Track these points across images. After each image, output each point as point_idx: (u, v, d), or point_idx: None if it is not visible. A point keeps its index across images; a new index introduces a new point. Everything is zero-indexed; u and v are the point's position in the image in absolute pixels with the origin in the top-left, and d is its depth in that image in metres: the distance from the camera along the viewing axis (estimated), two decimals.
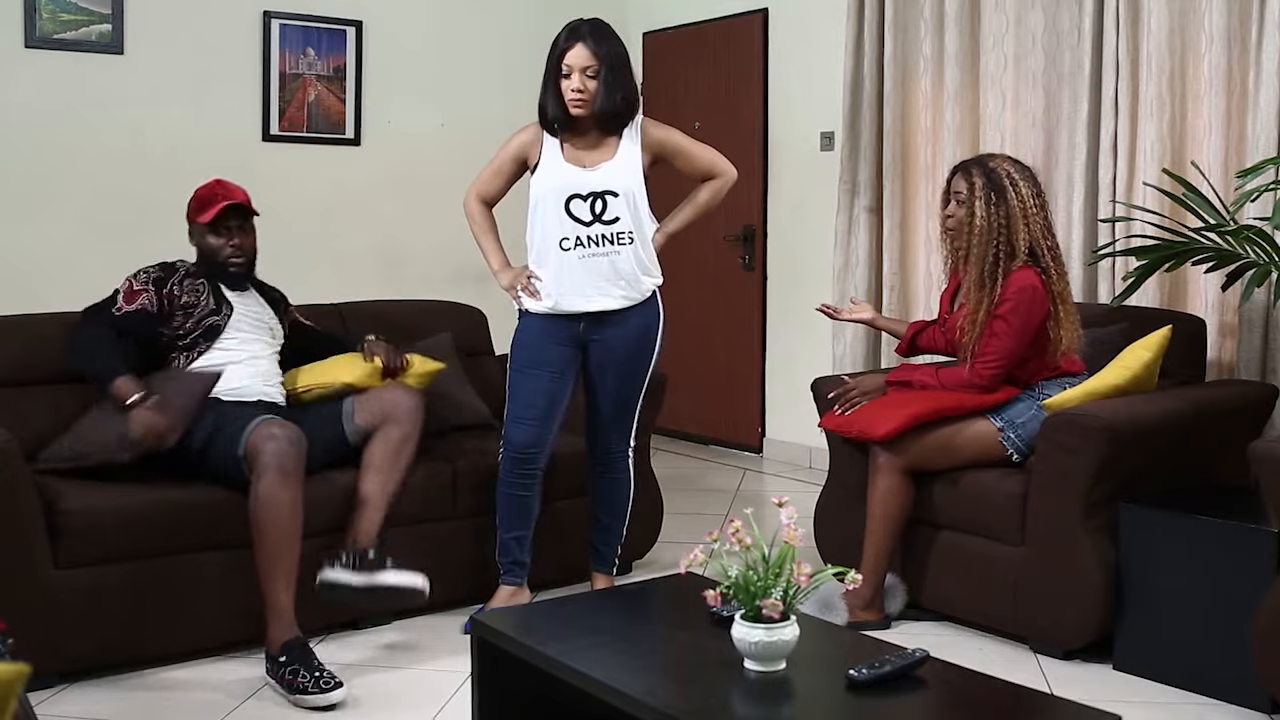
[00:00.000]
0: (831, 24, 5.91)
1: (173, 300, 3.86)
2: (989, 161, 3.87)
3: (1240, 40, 4.37)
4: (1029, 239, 3.77)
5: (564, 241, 3.80)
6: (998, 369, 3.78)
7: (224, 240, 3.95)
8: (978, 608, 3.83)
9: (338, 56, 6.18)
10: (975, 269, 3.80)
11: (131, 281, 3.90)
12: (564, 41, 3.80)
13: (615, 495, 4.05)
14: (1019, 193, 3.78)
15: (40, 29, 5.44)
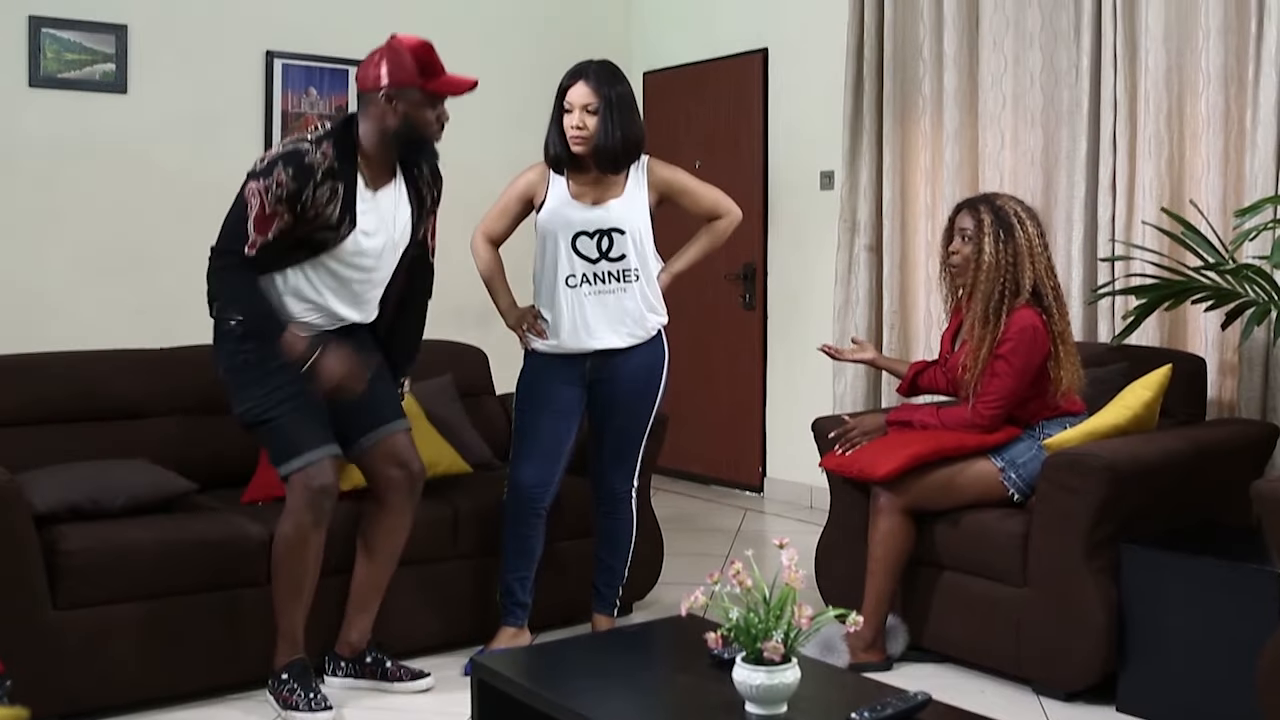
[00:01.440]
0: (831, 63, 5.94)
1: (305, 216, 3.39)
2: (996, 200, 3.88)
3: (1237, 79, 4.40)
4: (1034, 277, 3.77)
5: (570, 279, 3.81)
6: (999, 409, 3.78)
7: (437, 114, 3.61)
8: (980, 649, 3.81)
9: (340, 96, 6.21)
10: (980, 305, 3.80)
11: (262, 199, 3.36)
12: (567, 79, 3.84)
13: (618, 535, 4.04)
14: (1026, 231, 3.79)
15: (44, 68, 5.47)
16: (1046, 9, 4.98)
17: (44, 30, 5.45)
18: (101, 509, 3.54)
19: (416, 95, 3.48)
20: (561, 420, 3.83)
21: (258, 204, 3.37)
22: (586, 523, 4.13)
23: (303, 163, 3.33)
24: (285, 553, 3.44)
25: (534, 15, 6.80)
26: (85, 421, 4.00)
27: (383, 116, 3.46)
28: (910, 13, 5.49)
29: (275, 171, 3.32)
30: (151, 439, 4.05)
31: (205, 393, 4.22)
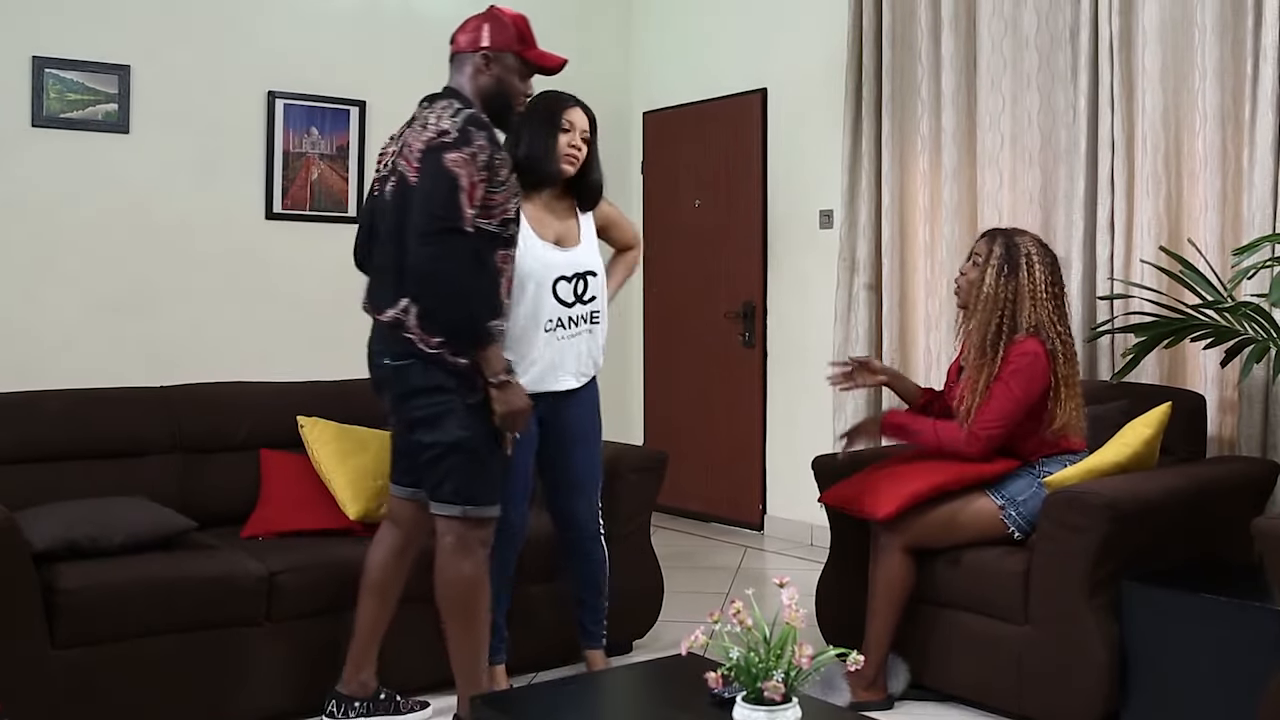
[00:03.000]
0: (830, 103, 5.98)
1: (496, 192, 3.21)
2: (1015, 235, 3.88)
3: (1234, 118, 4.42)
4: (1035, 319, 3.77)
5: (549, 323, 3.75)
6: (994, 430, 3.75)
7: (528, 87, 3.45)
8: (981, 687, 3.79)
9: (341, 135, 6.24)
10: (976, 336, 3.82)
11: (470, 170, 3.15)
12: (567, 101, 3.81)
13: (598, 574, 3.99)
14: (1032, 274, 3.79)
15: (47, 108, 5.50)
16: (1044, 50, 5.01)
17: (47, 70, 5.48)
18: (100, 547, 3.53)
19: (513, 61, 3.40)
20: (531, 457, 3.79)
21: (465, 175, 3.16)
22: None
23: (489, 126, 3.26)
24: (471, 593, 3.34)
25: None
26: (84, 459, 4.01)
27: (476, 76, 3.38)
28: (908, 53, 5.53)
29: (472, 137, 3.19)
30: (151, 477, 4.06)
31: (205, 431, 4.25)
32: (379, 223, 3.39)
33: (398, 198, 3.28)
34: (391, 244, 3.28)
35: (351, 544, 3.89)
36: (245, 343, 5.92)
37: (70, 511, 3.61)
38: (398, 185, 3.29)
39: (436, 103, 3.36)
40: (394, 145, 3.42)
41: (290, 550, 3.79)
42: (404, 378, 3.28)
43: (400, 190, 3.28)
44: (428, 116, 3.31)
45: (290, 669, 3.65)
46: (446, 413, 3.26)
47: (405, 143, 3.32)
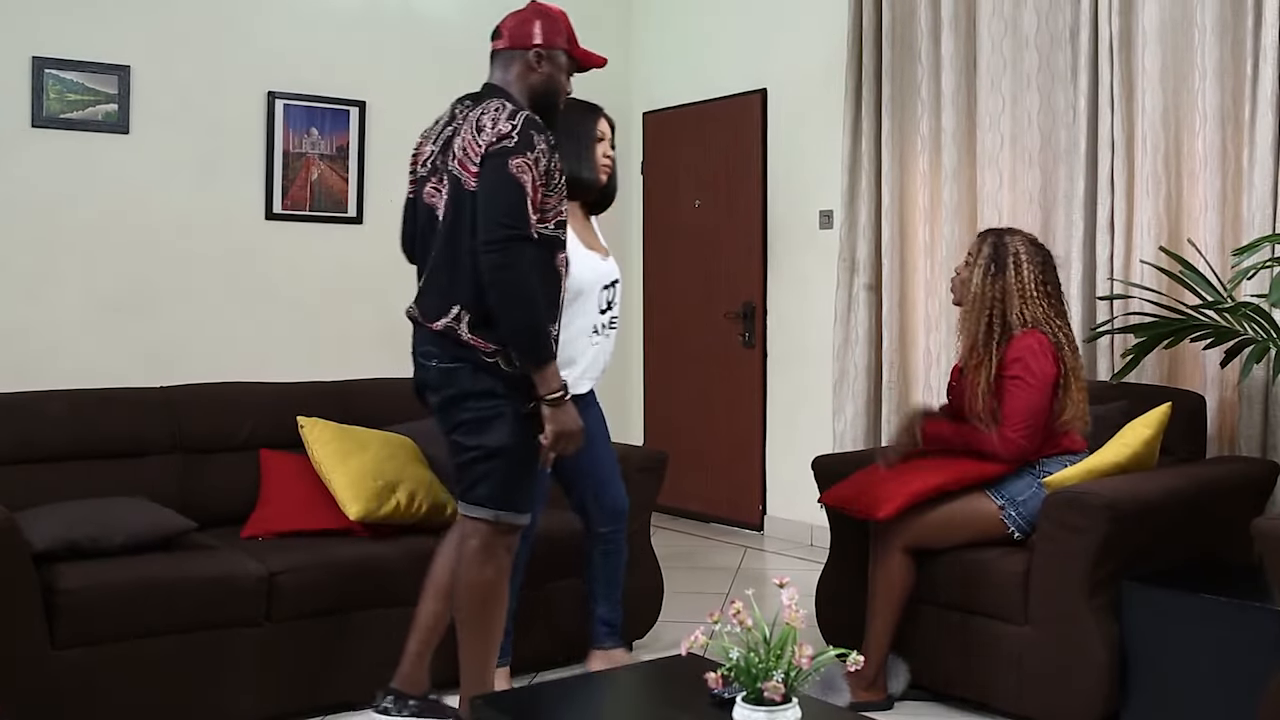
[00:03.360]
0: (830, 103, 5.98)
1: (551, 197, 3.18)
2: (1006, 235, 3.90)
3: (1234, 119, 4.42)
4: (1029, 317, 3.78)
5: (593, 330, 3.83)
6: (1025, 430, 3.73)
7: (570, 86, 3.46)
8: (981, 687, 3.79)
9: (341, 136, 6.24)
10: (969, 335, 3.85)
11: (533, 175, 3.11)
12: (596, 110, 3.87)
13: (619, 565, 4.03)
14: (1020, 273, 3.80)
15: (47, 108, 5.50)
16: (1044, 50, 5.01)
17: (47, 71, 5.48)
18: (100, 547, 3.53)
19: (563, 59, 3.39)
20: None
21: (529, 180, 3.10)
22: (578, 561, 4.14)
23: (545, 129, 3.18)
24: (489, 597, 3.28)
25: None
26: (84, 460, 4.01)
27: (527, 74, 3.34)
28: (908, 53, 5.53)
29: (534, 141, 3.13)
30: (151, 477, 4.06)
31: (205, 431, 4.25)
32: (420, 226, 3.35)
33: (451, 202, 3.21)
34: (446, 248, 3.22)
35: (351, 544, 3.89)
36: (245, 343, 5.93)
37: (70, 512, 3.62)
38: (450, 189, 3.22)
39: (483, 102, 3.27)
40: (432, 145, 3.35)
41: (290, 551, 3.79)
42: (454, 380, 3.23)
43: (454, 195, 3.20)
44: (479, 118, 3.21)
45: (290, 669, 3.66)
46: (495, 418, 3.20)
47: (456, 145, 3.22)
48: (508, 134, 3.12)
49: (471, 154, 3.15)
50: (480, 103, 3.28)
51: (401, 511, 4.00)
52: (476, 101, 3.31)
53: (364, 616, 3.79)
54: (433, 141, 3.35)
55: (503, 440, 3.20)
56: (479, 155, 3.13)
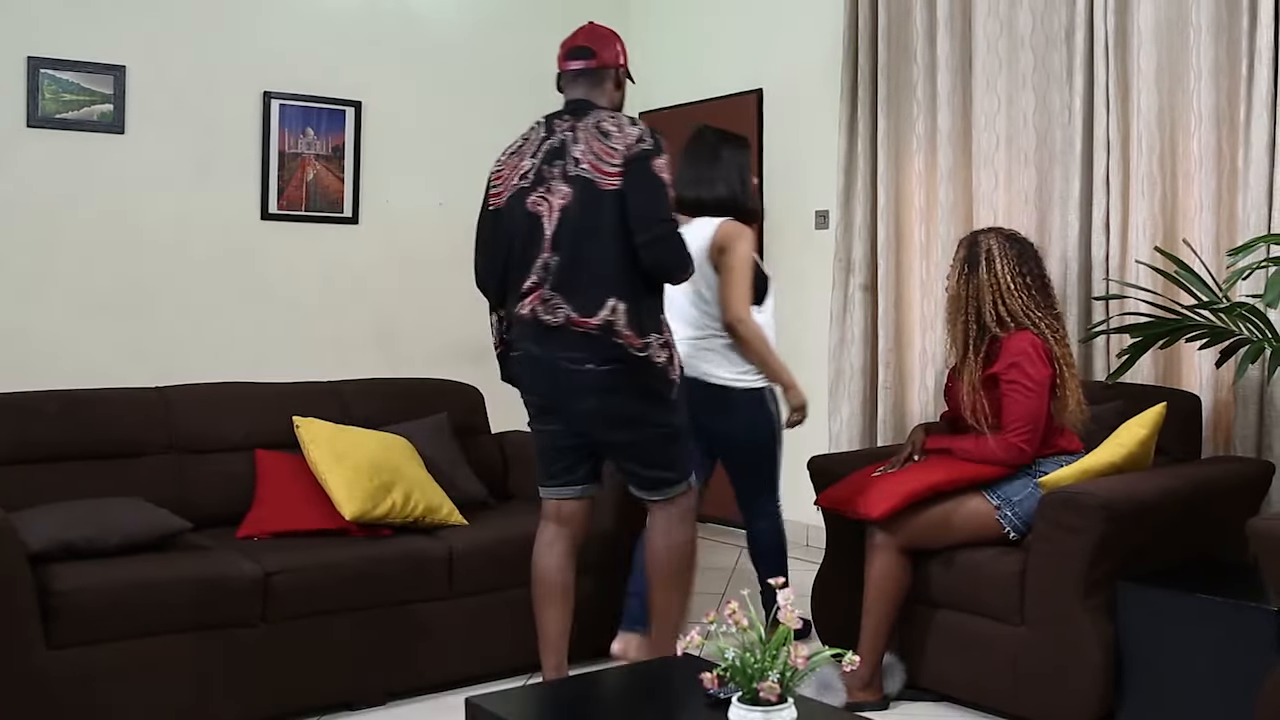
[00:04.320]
0: (825, 103, 5.98)
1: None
2: (980, 234, 3.96)
3: (1229, 119, 4.42)
4: (1007, 313, 3.80)
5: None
6: (1027, 433, 3.76)
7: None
8: (977, 687, 3.79)
9: (336, 136, 6.24)
10: (950, 338, 3.92)
11: (670, 174, 3.44)
12: (744, 143, 4.35)
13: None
14: (992, 269, 3.84)
15: (42, 109, 5.49)
16: (1039, 50, 5.01)
17: (42, 71, 5.47)
18: (96, 548, 3.53)
19: (625, 76, 3.71)
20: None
21: (669, 178, 3.43)
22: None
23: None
24: (693, 551, 3.69)
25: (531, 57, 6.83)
26: (80, 460, 4.01)
27: (614, 91, 3.64)
28: (904, 53, 5.53)
29: (662, 144, 3.44)
30: (146, 478, 4.06)
31: (200, 431, 4.25)
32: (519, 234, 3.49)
33: (580, 205, 3.39)
34: (584, 247, 3.39)
35: (347, 545, 3.89)
36: (241, 343, 5.92)
37: (66, 512, 3.61)
38: (578, 192, 3.39)
39: (586, 115, 3.50)
40: (531, 159, 3.52)
41: (285, 551, 3.79)
42: (614, 379, 3.40)
43: (585, 197, 3.38)
44: (600, 125, 3.44)
45: (286, 670, 3.65)
46: (655, 409, 3.48)
47: (577, 152, 3.42)
48: (640, 138, 3.40)
49: (606, 158, 3.38)
50: (582, 116, 3.51)
51: (397, 512, 4.00)
52: (577, 115, 3.52)
53: (360, 617, 3.79)
54: (530, 156, 3.53)
55: (675, 421, 3.54)
56: (617, 159, 3.37)
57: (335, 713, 3.78)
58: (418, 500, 4.05)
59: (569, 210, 3.40)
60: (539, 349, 3.47)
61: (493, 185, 3.62)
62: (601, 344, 3.36)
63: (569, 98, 3.62)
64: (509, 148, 3.66)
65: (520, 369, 3.59)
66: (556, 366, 3.44)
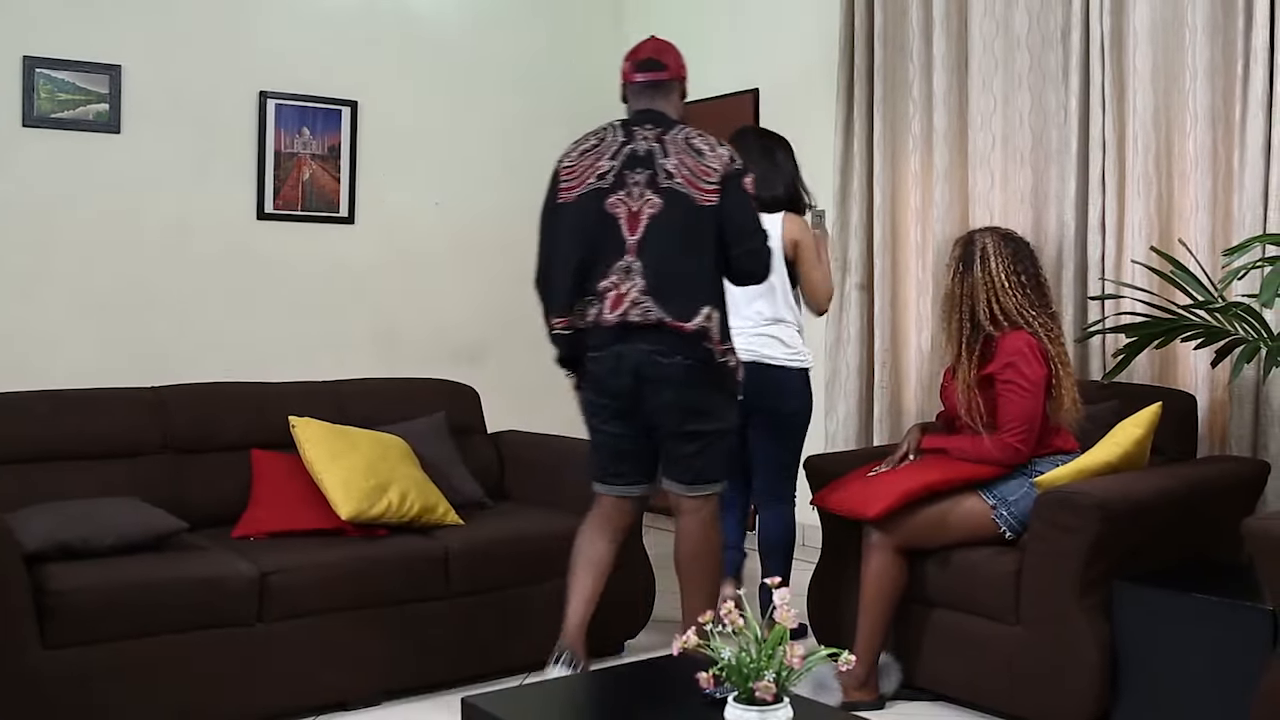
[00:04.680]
0: (821, 104, 5.97)
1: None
2: (976, 234, 3.97)
3: (1225, 119, 4.43)
4: (1001, 312, 3.81)
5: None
6: (1022, 433, 3.76)
7: None
8: (973, 687, 3.80)
9: (333, 136, 6.24)
10: (945, 336, 3.93)
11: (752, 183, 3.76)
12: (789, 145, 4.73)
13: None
14: (986, 267, 3.84)
15: (38, 108, 5.49)
16: (1035, 50, 5.02)
17: (38, 70, 5.47)
18: (91, 548, 3.53)
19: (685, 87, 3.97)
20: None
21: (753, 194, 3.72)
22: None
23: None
24: (720, 553, 3.85)
25: (525, 58, 6.84)
26: (75, 460, 4.01)
27: (680, 102, 3.91)
28: (900, 53, 5.53)
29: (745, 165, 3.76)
30: (142, 477, 4.05)
31: (196, 431, 4.25)
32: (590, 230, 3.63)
33: (682, 215, 3.59)
34: (680, 257, 3.59)
35: (343, 545, 3.89)
36: (236, 343, 5.92)
37: (61, 512, 3.61)
38: (679, 205, 3.59)
39: (670, 129, 3.71)
40: (610, 161, 3.66)
41: (282, 551, 3.79)
42: (694, 375, 3.62)
43: (686, 210, 3.59)
44: (692, 142, 3.67)
45: (282, 670, 3.65)
46: (723, 406, 3.74)
47: (669, 165, 3.62)
48: (732, 158, 3.67)
49: (703, 176, 3.61)
50: (667, 129, 3.72)
51: (393, 512, 4.00)
52: (660, 127, 3.71)
53: (356, 617, 3.78)
54: (609, 158, 3.67)
55: (730, 423, 3.79)
56: (715, 178, 3.61)
57: (331, 712, 3.78)
58: (414, 500, 4.05)
59: (660, 220, 3.58)
60: (624, 345, 3.60)
61: (563, 180, 3.73)
62: (692, 344, 3.57)
63: (637, 108, 3.80)
64: (579, 145, 3.76)
65: (600, 367, 3.67)
66: (644, 359, 3.59)
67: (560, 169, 3.75)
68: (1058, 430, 3.87)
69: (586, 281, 3.63)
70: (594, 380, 3.71)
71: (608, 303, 3.59)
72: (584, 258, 3.65)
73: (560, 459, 4.59)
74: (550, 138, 6.78)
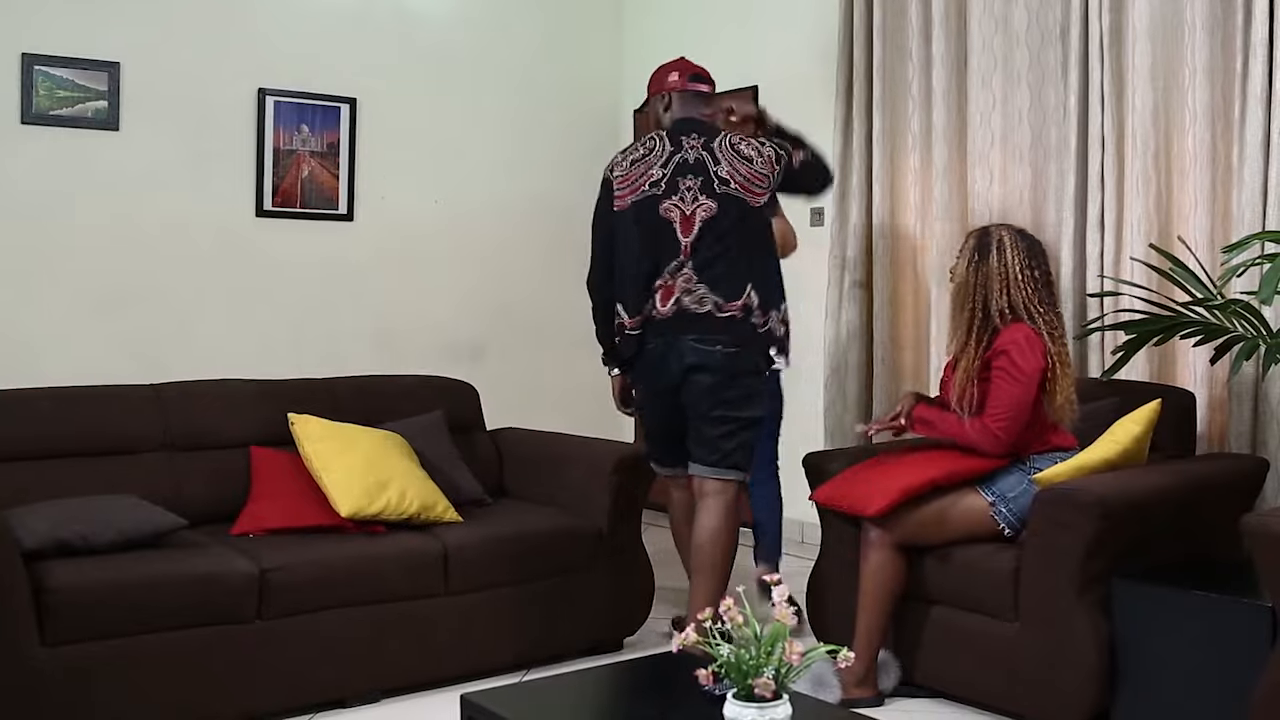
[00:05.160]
0: (820, 101, 5.97)
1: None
2: (992, 227, 3.97)
3: (1224, 116, 4.43)
4: (1009, 304, 3.81)
5: None
6: (1007, 421, 3.76)
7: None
8: (972, 684, 3.80)
9: (331, 133, 6.23)
10: (955, 325, 3.92)
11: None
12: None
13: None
14: (1003, 258, 3.84)
15: (37, 105, 5.48)
16: (1034, 48, 5.01)
17: (36, 67, 5.46)
18: (90, 545, 3.53)
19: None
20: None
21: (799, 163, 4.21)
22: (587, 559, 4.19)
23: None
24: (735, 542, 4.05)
25: (525, 55, 6.84)
26: (74, 457, 4.01)
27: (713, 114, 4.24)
28: (899, 51, 5.53)
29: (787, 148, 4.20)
30: (140, 475, 4.05)
31: (195, 428, 4.24)
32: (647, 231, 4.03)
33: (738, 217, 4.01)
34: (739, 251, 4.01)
35: (342, 541, 3.89)
36: (235, 340, 5.91)
37: (60, 510, 3.61)
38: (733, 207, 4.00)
39: (714, 136, 4.08)
40: (661, 169, 4.05)
41: (281, 548, 3.79)
42: (736, 361, 3.97)
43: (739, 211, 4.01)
44: (742, 149, 4.05)
45: (281, 667, 3.65)
46: (757, 393, 4.08)
47: (722, 172, 4.01)
48: (777, 157, 4.10)
49: (756, 182, 4.04)
50: (713, 137, 4.08)
51: (392, 509, 4.00)
52: (704, 135, 4.08)
53: (354, 614, 3.78)
54: (660, 166, 4.06)
55: (761, 412, 4.10)
56: (766, 183, 4.07)
57: (329, 709, 3.78)
58: (413, 497, 4.05)
59: (713, 222, 3.98)
60: (673, 336, 3.99)
61: (616, 188, 4.13)
62: (734, 329, 3.96)
63: (682, 115, 4.18)
64: (629, 155, 4.15)
65: (652, 358, 4.05)
66: (687, 348, 3.96)
67: (612, 178, 4.15)
68: (1056, 427, 3.87)
69: (651, 283, 4.01)
70: (647, 371, 4.09)
71: (658, 296, 4.00)
72: (630, 257, 4.06)
73: (559, 456, 4.59)
74: (549, 135, 6.82)
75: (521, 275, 5.64)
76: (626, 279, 4.07)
